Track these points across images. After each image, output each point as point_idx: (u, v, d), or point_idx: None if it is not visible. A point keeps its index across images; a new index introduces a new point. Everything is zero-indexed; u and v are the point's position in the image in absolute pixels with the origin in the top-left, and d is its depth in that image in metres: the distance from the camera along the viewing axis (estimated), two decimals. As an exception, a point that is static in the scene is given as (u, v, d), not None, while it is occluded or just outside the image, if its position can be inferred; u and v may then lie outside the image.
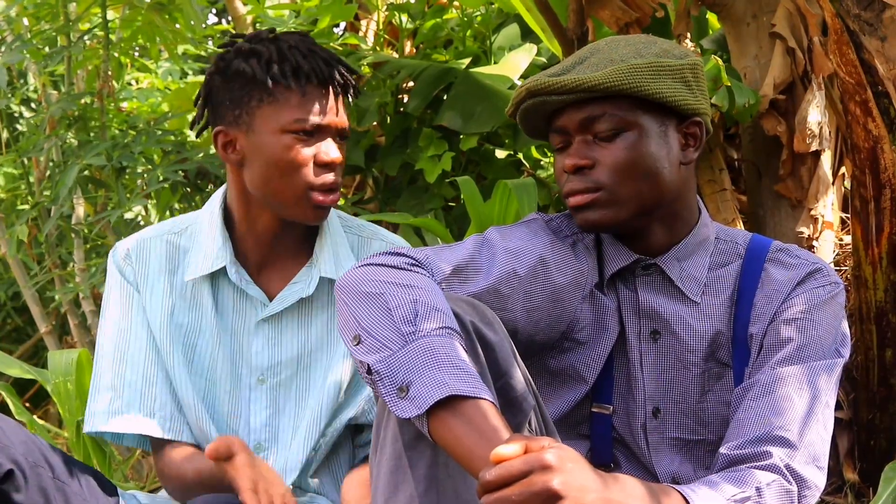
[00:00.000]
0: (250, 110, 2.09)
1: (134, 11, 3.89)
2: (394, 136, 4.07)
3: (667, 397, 1.90)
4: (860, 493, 2.87)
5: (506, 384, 1.66)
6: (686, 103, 1.84)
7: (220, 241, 2.16)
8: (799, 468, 1.68)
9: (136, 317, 2.18)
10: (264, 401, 2.17)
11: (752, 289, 1.88)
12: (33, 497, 1.98)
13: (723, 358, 1.88)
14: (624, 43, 1.89)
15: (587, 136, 1.85)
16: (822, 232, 3.29)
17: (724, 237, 1.95)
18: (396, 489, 1.59)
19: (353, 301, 1.64)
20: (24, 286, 4.27)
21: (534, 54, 4.14)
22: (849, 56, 2.70)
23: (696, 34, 3.89)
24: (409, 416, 1.50)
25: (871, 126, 2.72)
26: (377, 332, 1.58)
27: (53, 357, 3.27)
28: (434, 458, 1.58)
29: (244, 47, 2.12)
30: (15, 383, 4.34)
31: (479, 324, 1.65)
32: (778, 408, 1.72)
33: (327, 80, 2.10)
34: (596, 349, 1.90)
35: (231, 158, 2.14)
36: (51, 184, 4.09)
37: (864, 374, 2.86)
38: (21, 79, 4.86)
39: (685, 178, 1.89)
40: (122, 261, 2.21)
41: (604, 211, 1.84)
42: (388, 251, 1.77)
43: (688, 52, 1.90)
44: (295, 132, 2.07)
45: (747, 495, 1.61)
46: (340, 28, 4.90)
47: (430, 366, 1.51)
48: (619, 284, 1.92)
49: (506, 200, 3.13)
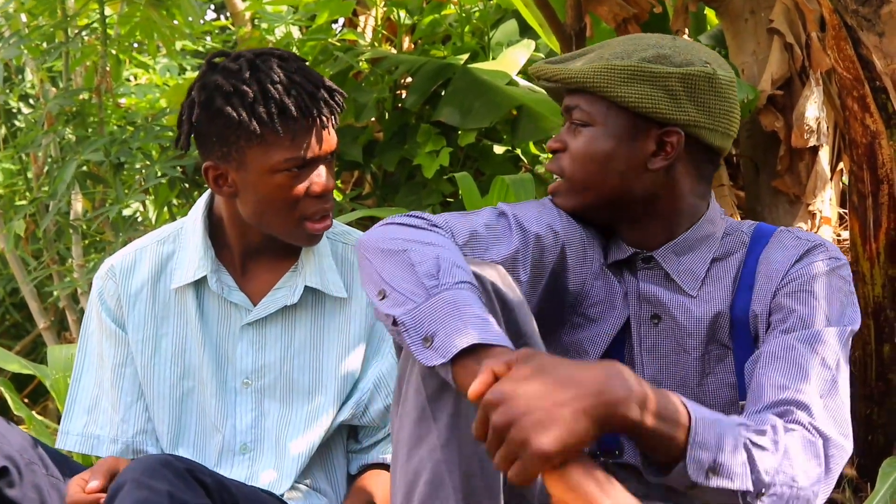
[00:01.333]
0: (239, 149, 2.07)
1: (132, 7, 3.89)
2: (392, 131, 4.07)
3: (667, 381, 1.90)
4: (858, 489, 2.87)
5: (524, 344, 1.69)
6: (658, 112, 1.85)
7: (202, 251, 2.17)
8: (822, 426, 1.65)
9: (113, 343, 2.22)
10: (250, 403, 2.19)
11: (753, 270, 1.89)
12: (27, 493, 1.99)
13: (723, 339, 1.89)
14: (628, 42, 1.92)
15: (570, 123, 1.93)
16: (820, 227, 3.30)
17: (731, 231, 1.96)
18: (419, 440, 1.64)
19: (377, 258, 1.70)
20: (22, 282, 4.26)
21: (532, 50, 4.14)
22: (846, 52, 2.70)
23: (694, 30, 3.89)
24: (434, 363, 1.54)
25: (868, 121, 2.72)
26: (401, 286, 1.63)
27: (52, 352, 3.27)
28: (457, 408, 1.62)
29: (225, 86, 2.06)
30: (13, 379, 4.35)
31: (500, 284, 1.70)
32: (792, 374, 1.71)
33: (312, 114, 2.07)
34: (603, 327, 1.92)
35: (224, 192, 2.13)
36: (49, 179, 4.09)
37: (862, 370, 2.86)
38: (18, 74, 4.86)
39: (663, 182, 1.89)
40: (106, 282, 2.25)
41: (564, 198, 1.94)
42: (407, 213, 1.81)
43: (696, 61, 1.87)
44: (286, 170, 2.07)
45: (764, 430, 1.60)
46: (339, 24, 4.89)
47: (454, 316, 1.56)
48: (624, 271, 1.94)
49: (503, 196, 3.13)
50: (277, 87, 2.06)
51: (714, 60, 1.91)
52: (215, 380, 2.18)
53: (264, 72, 2.07)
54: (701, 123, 1.87)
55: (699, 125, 1.87)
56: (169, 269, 2.21)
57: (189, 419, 2.21)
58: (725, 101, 1.90)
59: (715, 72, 1.87)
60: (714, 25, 4.00)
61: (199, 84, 2.11)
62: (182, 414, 2.20)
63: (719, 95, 1.88)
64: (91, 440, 2.21)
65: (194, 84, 2.12)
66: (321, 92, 2.09)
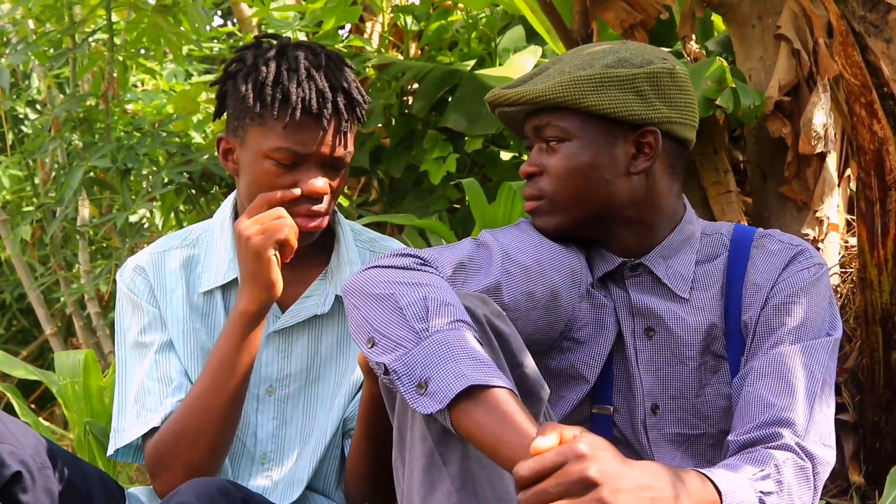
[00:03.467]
0: (244, 126, 2.07)
1: (139, 14, 3.90)
2: (398, 137, 4.07)
3: (664, 393, 1.91)
4: (866, 496, 2.86)
5: (521, 374, 1.68)
6: (632, 114, 1.86)
7: (231, 253, 2.13)
8: (809, 446, 1.71)
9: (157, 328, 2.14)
10: (272, 412, 2.16)
11: (741, 278, 1.90)
12: (40, 498, 1.97)
13: (718, 350, 1.90)
14: (583, 54, 1.92)
15: (542, 144, 1.92)
16: (828, 234, 3.28)
17: (710, 231, 1.97)
18: (433, 487, 1.60)
19: (364, 303, 1.66)
20: (29, 288, 4.27)
21: (539, 56, 4.14)
22: (854, 58, 2.70)
23: (702, 36, 3.89)
24: (431, 411, 1.51)
25: (876, 128, 2.71)
26: (390, 332, 1.59)
27: (59, 358, 3.27)
28: (465, 451, 1.59)
29: (249, 61, 2.08)
30: (20, 384, 4.35)
31: (492, 316, 1.67)
32: (779, 391, 1.75)
33: (319, 111, 2.03)
34: (595, 348, 1.91)
35: (229, 167, 2.13)
36: (56, 185, 4.10)
37: (870, 377, 2.85)
38: (26, 80, 4.87)
39: (644, 185, 1.90)
40: (134, 277, 2.17)
41: (547, 217, 1.91)
42: (393, 252, 1.78)
43: (654, 59, 1.90)
44: (276, 160, 2.04)
45: (767, 473, 1.65)
46: (345, 30, 4.90)
47: (447, 359, 1.52)
48: (611, 285, 1.94)
49: (510, 202, 3.13)
50: (291, 74, 2.04)
51: (668, 57, 1.93)
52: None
53: (288, 58, 2.07)
54: (672, 119, 1.89)
55: (671, 121, 1.89)
56: (197, 272, 2.17)
57: None
58: (687, 94, 1.92)
59: (674, 67, 1.90)
60: (721, 31, 3.99)
61: (236, 56, 2.13)
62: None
63: (681, 89, 1.91)
64: (143, 424, 2.06)
65: (236, 54, 2.14)
66: (337, 95, 2.06)
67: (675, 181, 1.94)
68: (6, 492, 1.95)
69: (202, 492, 1.81)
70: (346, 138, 2.08)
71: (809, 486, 1.70)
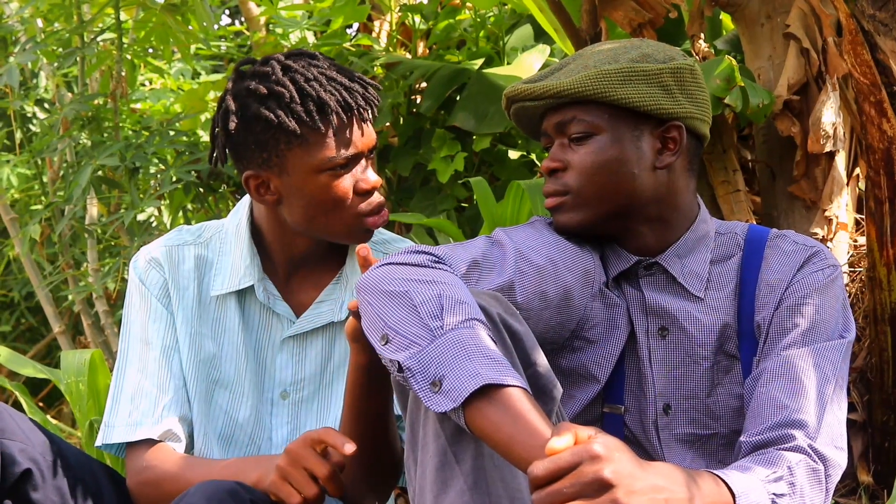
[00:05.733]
0: (280, 153, 2.03)
1: (147, 13, 3.90)
2: (407, 136, 4.07)
3: (677, 393, 1.91)
4: (874, 496, 2.86)
5: (535, 372, 1.67)
6: (660, 108, 1.86)
7: (248, 258, 2.13)
8: (821, 448, 1.72)
9: (163, 326, 2.14)
10: (286, 416, 2.16)
11: (754, 279, 1.90)
12: (50, 496, 1.98)
13: (731, 350, 1.90)
14: (604, 49, 1.92)
15: (563, 140, 1.91)
16: (837, 233, 3.27)
17: (724, 230, 1.97)
18: (445, 485, 1.60)
19: (378, 301, 1.65)
20: (37, 286, 4.28)
21: (547, 55, 4.13)
22: (863, 56, 2.69)
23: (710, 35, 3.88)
24: (445, 409, 1.51)
25: (885, 127, 2.71)
26: (405, 330, 1.58)
27: (66, 357, 3.27)
28: (479, 449, 1.59)
29: (260, 90, 2.03)
30: (28, 383, 4.36)
31: (505, 315, 1.67)
32: (792, 392, 1.76)
33: (352, 109, 2.04)
34: (607, 347, 1.91)
35: (267, 200, 2.09)
36: (64, 184, 4.10)
37: (879, 376, 2.85)
38: (34, 79, 4.87)
39: (666, 181, 1.90)
40: (148, 270, 2.16)
41: (572, 213, 1.90)
42: (407, 249, 1.77)
43: (675, 55, 1.91)
44: (330, 169, 2.03)
45: (779, 475, 1.65)
46: (353, 29, 4.90)
47: (461, 357, 1.52)
48: (625, 284, 1.93)
49: (518, 201, 3.13)
50: (313, 84, 2.03)
51: (684, 54, 1.94)
52: (255, 390, 2.14)
53: (298, 71, 2.05)
54: (694, 114, 1.90)
55: (693, 116, 1.90)
56: (211, 275, 2.16)
57: (215, 426, 2.16)
58: (704, 90, 1.93)
59: (694, 63, 1.91)
60: (730, 30, 3.98)
61: (230, 93, 2.07)
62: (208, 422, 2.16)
63: (699, 86, 1.92)
64: (133, 427, 2.08)
65: (224, 95, 2.08)
66: (356, 86, 2.07)
67: (692, 178, 1.95)
68: (17, 489, 1.95)
69: (212, 494, 1.81)
70: (371, 125, 2.10)
71: (821, 489, 1.70)
